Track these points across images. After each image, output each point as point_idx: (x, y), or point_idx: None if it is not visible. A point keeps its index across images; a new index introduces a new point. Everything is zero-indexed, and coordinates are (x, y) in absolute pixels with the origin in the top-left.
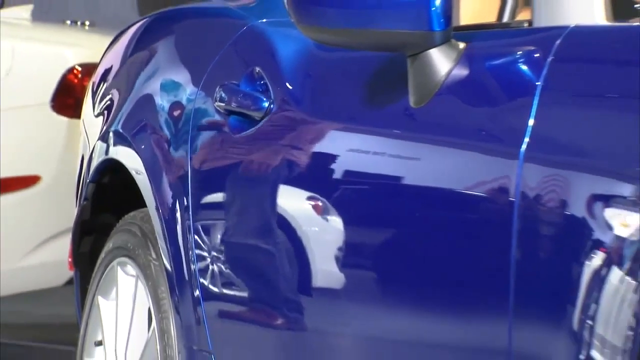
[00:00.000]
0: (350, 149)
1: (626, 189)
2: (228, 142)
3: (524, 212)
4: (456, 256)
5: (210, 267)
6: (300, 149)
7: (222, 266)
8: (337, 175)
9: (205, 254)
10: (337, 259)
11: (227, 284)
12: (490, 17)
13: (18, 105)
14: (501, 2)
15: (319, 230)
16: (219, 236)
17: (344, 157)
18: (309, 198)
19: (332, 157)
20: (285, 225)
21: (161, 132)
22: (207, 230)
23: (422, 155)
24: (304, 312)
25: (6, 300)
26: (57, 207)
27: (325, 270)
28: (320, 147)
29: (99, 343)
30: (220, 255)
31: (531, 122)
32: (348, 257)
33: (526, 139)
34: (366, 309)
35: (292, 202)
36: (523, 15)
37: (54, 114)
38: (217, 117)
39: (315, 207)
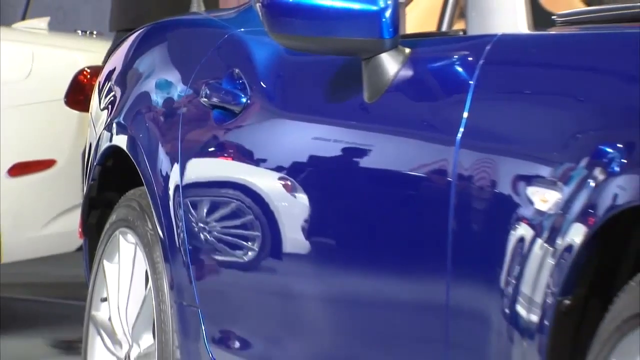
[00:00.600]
0: (315, 137)
1: (545, 171)
2: (212, 131)
3: (459, 189)
4: (403, 226)
5: (197, 236)
6: (273, 138)
7: (207, 235)
8: (303, 159)
9: (193, 225)
10: (303, 228)
11: (211, 250)
12: (431, 27)
13: (37, 101)
14: (440, 14)
15: (288, 205)
16: (204, 210)
17: (309, 144)
18: (280, 178)
19: (299, 144)
20: (259, 200)
21: (156, 123)
22: (194, 205)
23: (374, 142)
24: (275, 272)
25: (27, 263)
26: (69, 186)
27: (293, 237)
28: (289, 135)
29: (104, 299)
30: (205, 226)
31: (465, 114)
32: (312, 227)
33: (461, 129)
34: (328, 270)
35: (265, 181)
36: (458, 25)
37: (67, 109)
38: (203, 111)
39: (285, 186)
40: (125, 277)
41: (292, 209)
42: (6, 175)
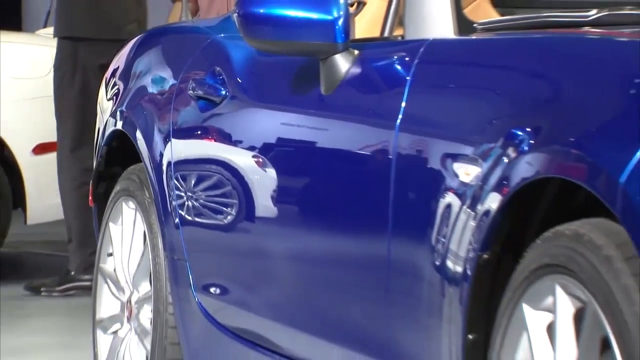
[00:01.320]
0: (281, 122)
1: (467, 150)
2: (197, 117)
3: (398, 165)
4: (353, 195)
5: (185, 203)
6: (247, 123)
7: (193, 202)
8: (272, 140)
9: (182, 194)
10: (271, 197)
11: (197, 215)
12: (375, 33)
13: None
14: (383, 23)
15: (259, 178)
16: (191, 182)
17: (276, 128)
18: (253, 156)
19: (268, 128)
20: (236, 174)
21: (152, 111)
22: (183, 178)
23: (330, 126)
24: (248, 232)
25: (48, 225)
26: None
27: (263, 204)
28: (260, 121)
29: (110, 254)
30: (192, 195)
31: (403, 104)
32: (279, 195)
33: (400, 116)
34: (292, 230)
35: (241, 158)
36: (398, 32)
37: None
38: (190, 101)
39: (257, 162)
40: (127, 236)
41: (262, 180)
42: (31, 154)
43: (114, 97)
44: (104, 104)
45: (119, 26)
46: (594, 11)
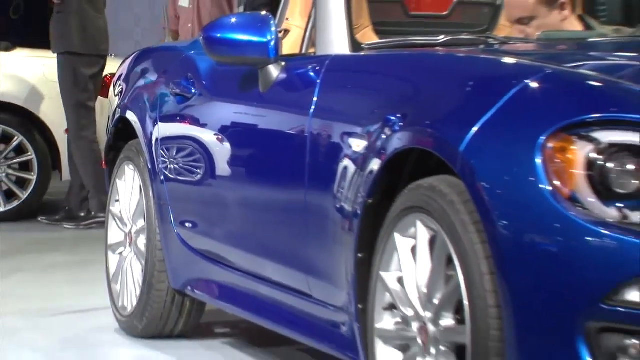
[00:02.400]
0: (233, 112)
1: (358, 129)
2: (176, 108)
3: (312, 140)
4: (282, 160)
5: (167, 166)
6: (209, 112)
7: (174, 166)
8: (227, 123)
9: (165, 160)
10: (227, 161)
11: (175, 174)
12: (296, 50)
13: None
14: (301, 44)
15: (219, 149)
16: (172, 152)
17: (229, 115)
18: (214, 134)
19: (224, 115)
20: (202, 146)
21: (145, 104)
22: (166, 149)
23: (266, 114)
24: (211, 185)
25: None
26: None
27: (221, 167)
28: (218, 110)
29: (117, 200)
30: (172, 161)
31: (315, 99)
32: (232, 161)
33: (313, 107)
34: (240, 183)
35: (206, 136)
36: (311, 50)
37: (100, 97)
38: (171, 97)
39: (217, 138)
40: (128, 189)
41: (221, 150)
42: (63, 133)
43: (120, 94)
44: (112, 99)
45: (99, 45)
46: (442, 37)
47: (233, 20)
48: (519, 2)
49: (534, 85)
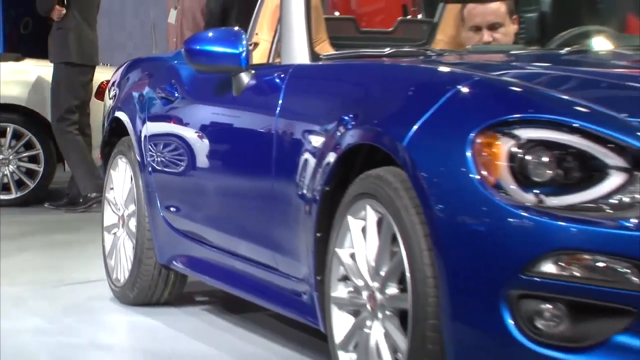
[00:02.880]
0: (211, 112)
1: (318, 127)
2: (161, 109)
3: (277, 137)
4: (252, 153)
5: (154, 159)
6: (190, 112)
7: (160, 159)
8: (206, 122)
9: (153, 154)
10: (206, 155)
11: (162, 166)
12: (264, 60)
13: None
14: (268, 55)
15: (199, 144)
16: (159, 147)
17: (207, 115)
18: (195, 131)
19: (203, 116)
20: (185, 142)
21: (135, 106)
22: (154, 145)
23: (239, 114)
24: (192, 175)
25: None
26: (97, 134)
27: (201, 159)
28: (198, 111)
29: (112, 188)
30: (158, 154)
31: (280, 101)
32: (210, 153)
33: (278, 108)
34: (217, 173)
35: (187, 133)
36: (277, 60)
37: (96, 100)
38: (157, 100)
39: (197, 135)
40: (121, 178)
41: (200, 145)
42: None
43: (113, 97)
44: (107, 102)
45: (92, 57)
46: (388, 49)
47: (210, 34)
48: (494, 10)
49: (464, 90)
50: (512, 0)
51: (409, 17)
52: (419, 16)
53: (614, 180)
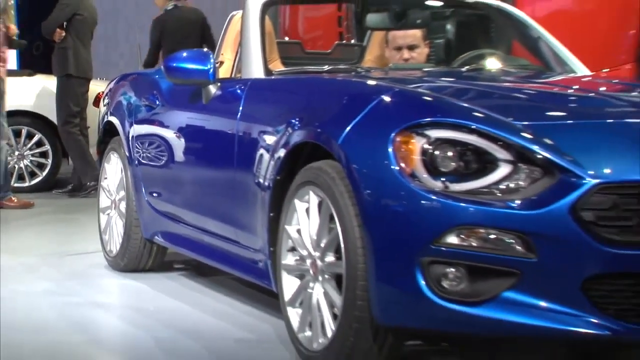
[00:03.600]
0: (186, 117)
1: (271, 128)
2: (145, 115)
3: (239, 136)
4: (219, 150)
5: (140, 155)
6: (169, 117)
7: (144, 154)
8: (182, 125)
9: (139, 151)
10: (182, 151)
11: (146, 160)
12: (228, 75)
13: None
14: (231, 71)
15: (176, 143)
16: (144, 145)
17: (183, 119)
18: (173, 132)
19: (179, 120)
20: (165, 141)
21: (124, 112)
22: (139, 143)
23: (208, 118)
24: (170, 167)
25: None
26: (94, 134)
27: (178, 154)
28: (175, 117)
29: (106, 178)
30: (143, 151)
31: (241, 108)
32: (186, 150)
33: (239, 114)
34: (191, 165)
35: (167, 133)
36: (239, 75)
37: (94, 108)
38: (142, 107)
39: (175, 136)
40: (113, 170)
41: (178, 144)
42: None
43: (107, 105)
44: (102, 108)
45: (87, 71)
46: (327, 66)
47: (184, 54)
48: (412, 34)
49: (386, 99)
50: (425, 28)
51: (344, 41)
52: (352, 41)
53: (503, 170)
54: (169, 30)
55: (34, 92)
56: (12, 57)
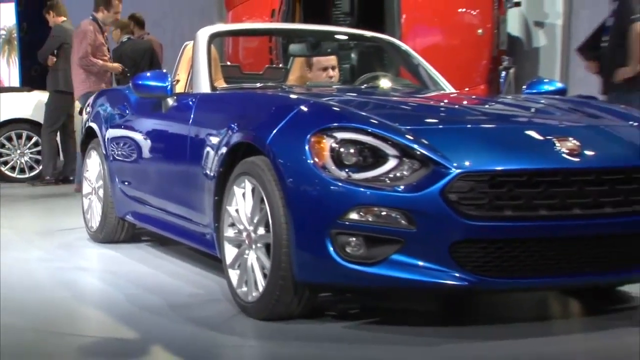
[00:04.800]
0: (152, 123)
1: (215, 131)
2: (118, 122)
3: (191, 138)
4: (175, 148)
5: (114, 152)
6: (137, 123)
7: (117, 152)
8: (148, 129)
9: (113, 149)
10: (148, 150)
11: (118, 157)
12: (182, 90)
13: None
14: (185, 87)
15: (143, 143)
16: (120, 144)
17: (148, 124)
18: (142, 135)
19: (145, 126)
20: (133, 141)
21: (102, 119)
22: (114, 143)
23: (168, 124)
24: (138, 162)
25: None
26: (78, 137)
27: (144, 151)
28: (142, 123)
29: (87, 171)
30: (116, 150)
31: (192, 115)
32: (150, 149)
33: (191, 120)
34: (155, 160)
35: (135, 135)
36: (190, 90)
37: (79, 116)
38: (115, 115)
39: (143, 137)
40: (93, 164)
41: (143, 143)
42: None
43: (88, 114)
44: (85, 116)
45: (72, 88)
46: (259, 84)
47: (148, 74)
48: (332, 59)
49: (304, 108)
50: (335, 55)
51: (273, 65)
52: (280, 65)
53: (391, 163)
54: (124, 57)
55: (32, 104)
56: (15, 77)
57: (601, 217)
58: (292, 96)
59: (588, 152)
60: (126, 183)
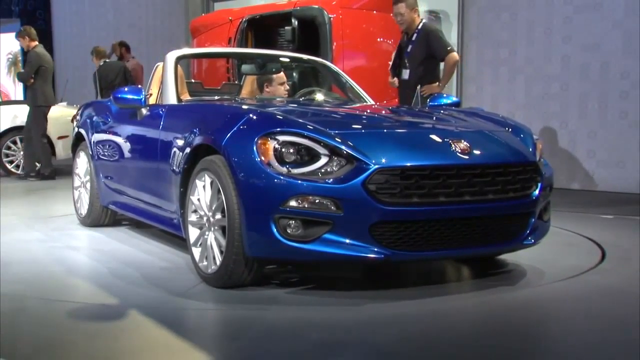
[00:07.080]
0: (130, 128)
1: (180, 135)
2: (102, 128)
3: (161, 141)
4: (149, 149)
5: (98, 152)
6: (117, 129)
7: (102, 152)
8: (129, 134)
9: (99, 150)
10: (127, 151)
11: (102, 157)
12: (154, 102)
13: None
14: (156, 99)
15: (122, 146)
16: (105, 146)
17: (127, 130)
18: (122, 139)
19: (124, 130)
20: (114, 144)
21: (88, 125)
22: (99, 146)
23: (143, 129)
24: (118, 160)
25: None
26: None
27: (124, 152)
28: (122, 129)
29: (77, 168)
30: (102, 151)
31: (162, 122)
32: (129, 150)
33: (161, 126)
34: (133, 158)
35: (116, 139)
36: (160, 102)
37: (71, 123)
38: (99, 122)
39: (123, 141)
40: (82, 163)
41: (123, 145)
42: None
43: (77, 121)
44: (75, 123)
45: (50, 102)
46: (217, 97)
47: (126, 89)
48: (280, 77)
49: (252, 116)
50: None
51: (229, 82)
52: (235, 81)
53: (323, 160)
54: (102, 77)
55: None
56: (19, 92)
57: (485, 202)
58: (244, 106)
59: (476, 152)
60: (109, 178)
